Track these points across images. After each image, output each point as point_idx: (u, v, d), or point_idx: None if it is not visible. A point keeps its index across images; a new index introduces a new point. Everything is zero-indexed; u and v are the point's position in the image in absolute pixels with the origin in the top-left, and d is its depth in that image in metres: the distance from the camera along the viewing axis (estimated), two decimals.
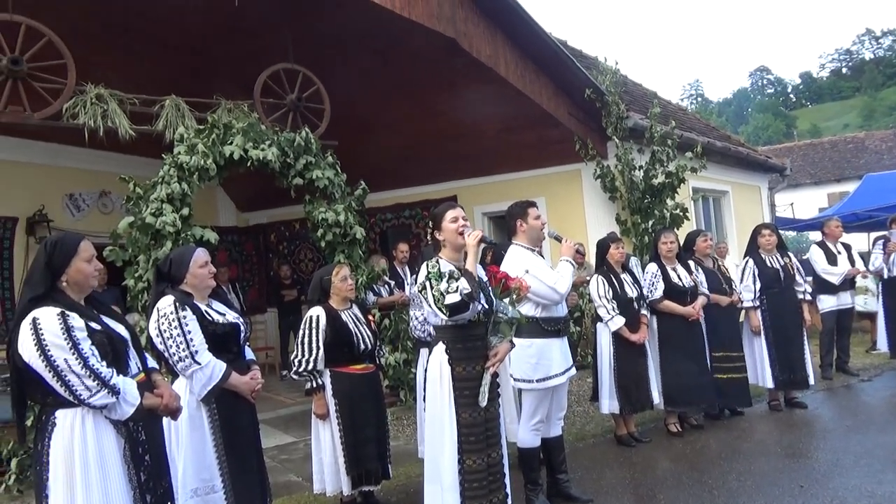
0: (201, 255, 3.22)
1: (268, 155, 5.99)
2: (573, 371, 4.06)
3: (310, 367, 3.86)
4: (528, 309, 3.79)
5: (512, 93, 7.63)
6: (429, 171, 9.47)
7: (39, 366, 2.27)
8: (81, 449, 2.30)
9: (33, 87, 5.33)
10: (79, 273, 2.45)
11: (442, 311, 3.02)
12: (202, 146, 5.65)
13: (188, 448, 3.01)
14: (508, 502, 3.20)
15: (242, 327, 3.27)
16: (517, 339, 3.45)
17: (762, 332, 5.96)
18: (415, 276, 3.69)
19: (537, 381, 3.85)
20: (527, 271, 3.70)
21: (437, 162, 9.22)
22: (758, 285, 5.96)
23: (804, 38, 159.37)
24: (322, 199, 6.50)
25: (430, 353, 3.31)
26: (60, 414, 2.32)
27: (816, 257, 7.45)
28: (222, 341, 3.12)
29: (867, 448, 4.70)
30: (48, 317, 2.30)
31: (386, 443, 4.11)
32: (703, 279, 5.64)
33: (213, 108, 6.31)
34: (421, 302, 3.47)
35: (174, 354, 2.96)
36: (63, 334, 2.28)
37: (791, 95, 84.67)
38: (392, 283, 7.11)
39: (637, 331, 5.10)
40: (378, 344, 4.18)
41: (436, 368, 3.18)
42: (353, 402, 3.89)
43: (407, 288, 6.74)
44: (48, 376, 2.27)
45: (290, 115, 6.76)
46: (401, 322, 6.82)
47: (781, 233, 6.53)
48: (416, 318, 4.62)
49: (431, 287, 3.06)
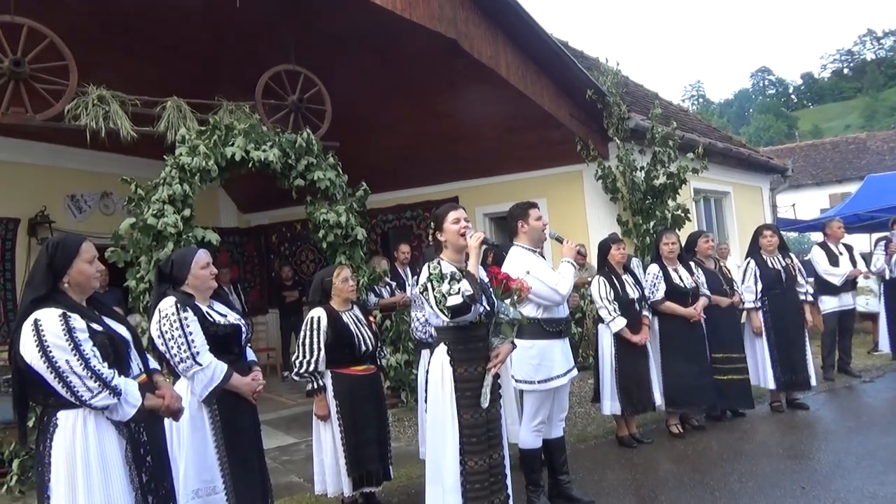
0: (203, 256, 3.22)
1: (269, 156, 6.00)
2: (574, 372, 4.06)
3: (311, 369, 3.86)
4: (529, 310, 3.79)
5: (513, 94, 7.63)
6: (430, 171, 9.47)
7: (41, 367, 2.27)
8: (83, 450, 2.30)
9: (35, 89, 5.34)
10: (80, 274, 2.45)
11: (444, 313, 3.02)
12: (204, 147, 5.65)
13: (189, 449, 3.02)
14: (510, 503, 3.20)
15: (244, 328, 3.27)
16: (519, 341, 3.45)
17: (764, 333, 5.95)
18: (416, 278, 3.69)
19: (539, 382, 3.85)
20: (528, 272, 3.70)
21: (438, 163, 9.22)
22: (759, 286, 5.96)
23: (805, 38, 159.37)
24: (323, 200, 6.50)
25: (431, 354, 3.31)
26: (62, 415, 2.32)
27: (818, 258, 7.45)
28: (224, 342, 3.12)
29: (869, 449, 4.69)
30: (50, 318, 2.30)
31: (387, 444, 4.11)
32: (703, 280, 5.64)
33: (215, 110, 6.32)
34: (422, 303, 3.47)
35: (175, 356, 2.97)
36: (65, 335, 2.28)
37: (792, 96, 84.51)
38: (393, 284, 7.12)
39: (639, 332, 5.10)
40: (379, 345, 4.19)
41: (437, 369, 3.18)
42: (355, 404, 3.90)
43: (408, 289, 6.75)
44: (50, 377, 2.27)
45: (292, 117, 6.77)
46: (402, 323, 6.82)
47: (783, 234, 6.52)
48: (418, 320, 4.62)
49: (433, 288, 3.06)
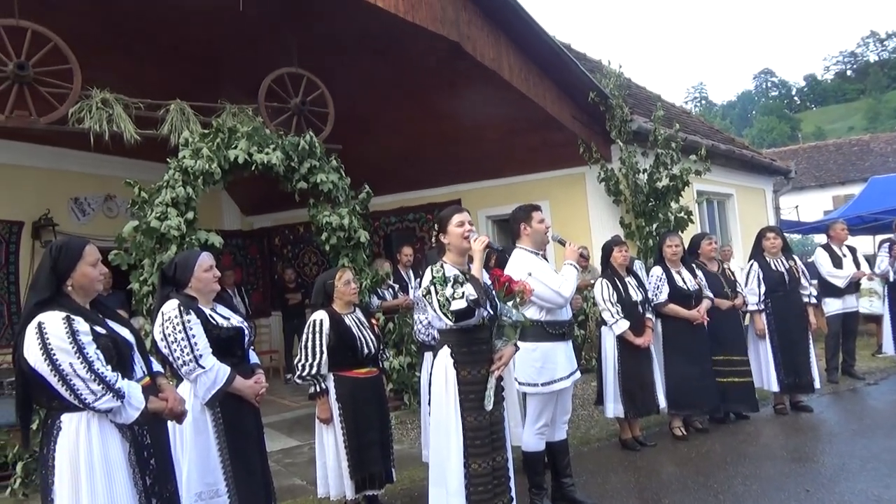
0: (206, 258, 3.23)
1: (272, 159, 6.01)
2: (578, 375, 4.05)
3: (313, 372, 3.86)
4: (532, 313, 3.79)
5: (515, 96, 7.63)
6: (433, 174, 9.48)
7: (45, 370, 2.27)
8: (87, 453, 2.30)
9: (39, 92, 5.36)
10: (84, 277, 2.46)
11: (447, 317, 3.02)
12: (207, 150, 5.67)
13: (192, 452, 3.02)
14: None
15: (247, 331, 3.28)
16: (522, 343, 3.44)
17: (767, 335, 5.94)
18: (419, 280, 3.69)
19: (542, 384, 3.84)
20: (529, 274, 3.70)
21: (440, 165, 9.23)
22: (762, 288, 5.95)
23: (808, 40, 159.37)
24: (326, 202, 6.51)
25: (434, 356, 3.30)
26: (66, 418, 2.33)
27: (822, 260, 7.43)
28: (226, 345, 3.12)
29: (873, 452, 4.68)
30: (53, 321, 2.31)
31: (389, 446, 4.10)
32: (705, 283, 5.63)
33: (218, 113, 6.33)
34: (425, 306, 3.47)
35: (178, 358, 2.97)
36: (68, 338, 2.29)
37: (795, 98, 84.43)
38: (396, 286, 7.12)
39: (642, 334, 5.09)
40: (381, 348, 4.18)
41: (441, 372, 3.17)
42: (357, 406, 3.89)
43: (411, 291, 6.75)
44: (53, 380, 2.27)
45: (295, 119, 6.78)
46: (405, 326, 6.82)
47: (786, 236, 6.50)
48: (420, 322, 4.62)
49: (436, 292, 3.06)
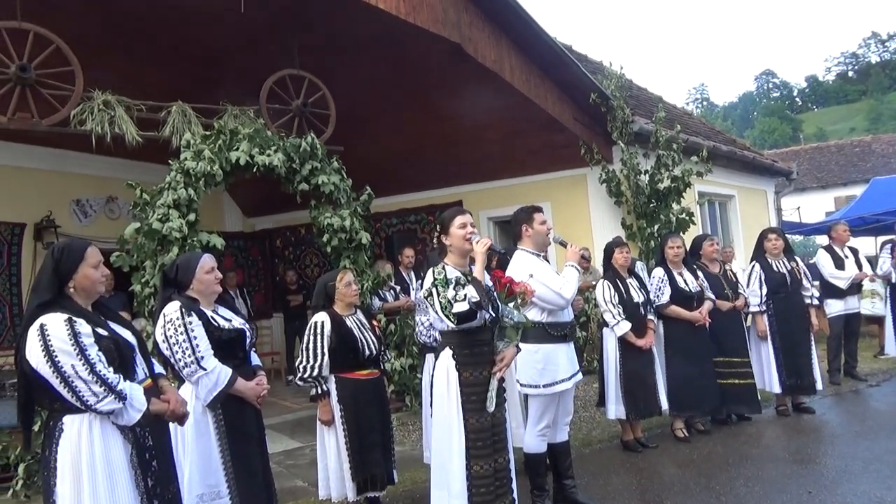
0: (207, 260, 3.23)
1: (274, 160, 6.01)
2: (579, 376, 4.05)
3: (315, 374, 3.85)
4: (534, 314, 3.79)
5: (517, 97, 7.63)
6: (434, 175, 9.48)
7: (47, 372, 2.28)
8: (89, 454, 2.30)
9: (41, 94, 5.37)
10: (86, 279, 2.46)
11: (450, 319, 3.02)
12: (208, 152, 5.67)
13: (194, 453, 3.02)
14: None
15: (248, 333, 3.28)
16: (523, 345, 3.44)
17: (769, 336, 5.93)
18: (420, 282, 3.69)
19: (544, 386, 3.84)
20: (531, 275, 3.70)
21: (442, 166, 9.24)
22: (764, 290, 5.94)
23: (810, 41, 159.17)
24: (328, 204, 6.51)
25: (436, 358, 3.30)
26: (68, 420, 2.33)
27: (823, 261, 7.42)
28: (228, 347, 3.13)
29: (876, 454, 4.67)
30: (55, 323, 2.31)
31: (391, 448, 4.10)
32: (706, 284, 5.62)
33: (220, 114, 6.34)
34: (427, 307, 3.47)
35: (180, 360, 2.98)
36: (70, 340, 2.29)
37: (797, 99, 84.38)
38: (397, 288, 7.12)
39: (643, 336, 5.09)
40: (383, 349, 4.18)
41: (443, 374, 3.17)
42: (359, 408, 3.89)
43: (412, 293, 6.75)
44: (55, 382, 2.28)
45: (296, 121, 6.78)
46: (406, 327, 6.83)
47: (788, 237, 6.49)
48: (422, 324, 4.62)
49: (438, 294, 3.05)
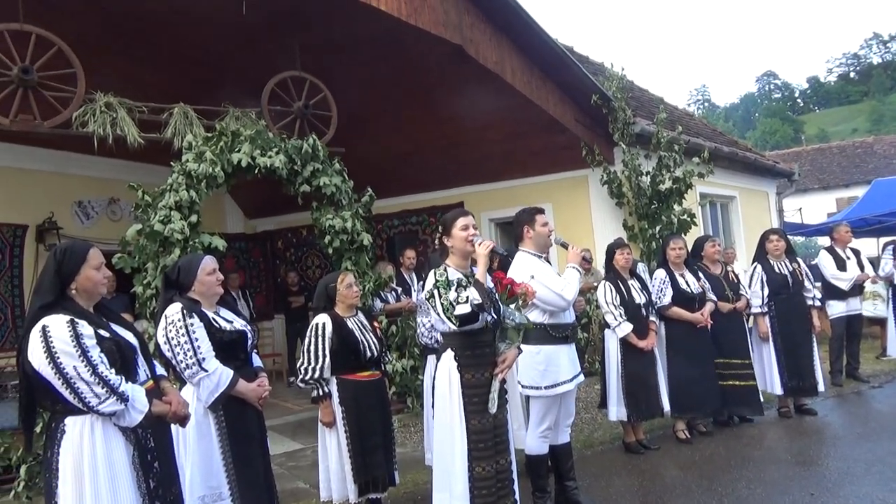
0: (209, 262, 3.24)
1: (275, 162, 6.02)
2: (581, 378, 4.05)
3: (316, 375, 3.85)
4: (535, 315, 3.79)
5: (518, 99, 7.64)
6: (435, 177, 9.49)
7: (49, 373, 2.28)
8: (91, 456, 2.30)
9: (43, 96, 5.39)
10: (88, 281, 2.46)
11: (451, 321, 3.02)
12: (210, 154, 5.68)
13: (196, 455, 3.02)
14: None
15: (250, 334, 3.28)
16: (525, 346, 3.44)
17: (771, 338, 5.91)
18: (422, 283, 3.69)
19: (545, 387, 3.83)
20: (532, 277, 3.70)
21: (443, 168, 9.24)
22: (766, 291, 5.92)
23: (811, 42, 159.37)
24: (329, 205, 6.52)
25: (437, 359, 3.31)
26: (70, 421, 2.33)
27: (825, 263, 7.41)
28: (230, 348, 3.13)
29: (878, 455, 4.66)
30: (57, 324, 2.31)
31: (392, 450, 4.09)
32: (708, 286, 5.62)
33: (221, 116, 6.35)
34: (428, 309, 3.47)
35: (181, 362, 2.98)
36: (72, 342, 2.29)
37: (798, 100, 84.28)
38: (399, 289, 7.12)
39: (645, 337, 5.08)
40: (384, 351, 4.18)
41: (444, 375, 3.17)
42: (360, 410, 3.88)
43: (414, 294, 6.75)
44: (57, 384, 2.28)
45: (298, 123, 6.79)
46: (408, 329, 6.83)
47: (790, 238, 6.48)
48: (423, 325, 4.62)
49: (440, 296, 3.06)
